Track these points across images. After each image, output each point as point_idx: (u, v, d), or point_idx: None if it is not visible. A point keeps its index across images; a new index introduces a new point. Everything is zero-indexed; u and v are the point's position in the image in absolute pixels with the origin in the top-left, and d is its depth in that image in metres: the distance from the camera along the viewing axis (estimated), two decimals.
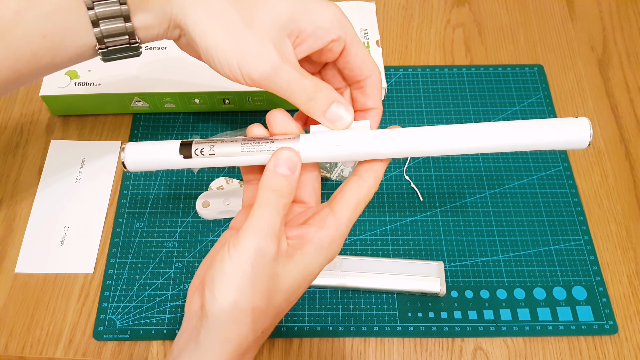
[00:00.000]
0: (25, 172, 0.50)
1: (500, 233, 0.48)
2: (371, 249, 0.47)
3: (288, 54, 0.31)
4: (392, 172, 0.51)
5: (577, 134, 0.30)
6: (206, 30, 0.30)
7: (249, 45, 0.30)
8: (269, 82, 0.31)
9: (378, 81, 0.34)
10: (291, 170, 0.29)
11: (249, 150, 0.31)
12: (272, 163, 0.30)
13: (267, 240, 0.28)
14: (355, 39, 0.33)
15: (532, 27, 0.61)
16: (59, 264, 0.46)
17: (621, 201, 0.50)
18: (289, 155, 0.30)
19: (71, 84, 0.50)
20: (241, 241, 0.28)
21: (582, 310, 0.44)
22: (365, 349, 0.43)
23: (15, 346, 0.43)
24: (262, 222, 0.28)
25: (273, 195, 0.29)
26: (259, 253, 0.28)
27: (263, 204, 0.29)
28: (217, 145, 0.32)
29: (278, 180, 0.29)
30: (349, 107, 0.31)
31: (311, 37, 0.32)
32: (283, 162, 0.29)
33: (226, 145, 0.31)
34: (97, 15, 0.31)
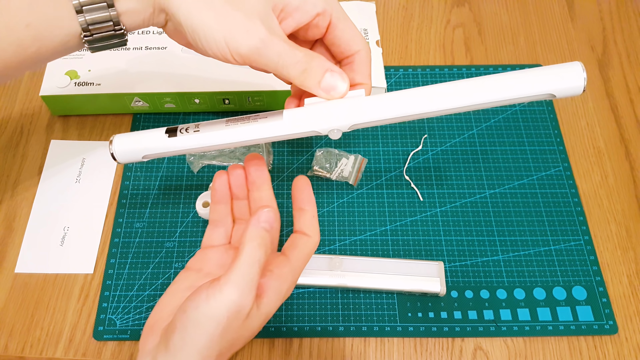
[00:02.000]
0: (25, 172, 0.50)
1: (500, 233, 0.48)
2: (371, 249, 0.47)
3: (275, 27, 0.31)
4: (392, 172, 0.51)
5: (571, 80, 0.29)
6: (191, 10, 0.30)
7: (235, 21, 0.30)
8: (259, 57, 0.30)
9: (367, 56, 0.34)
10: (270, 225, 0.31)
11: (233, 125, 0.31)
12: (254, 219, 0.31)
13: (247, 296, 0.29)
14: (341, 13, 0.33)
15: (532, 27, 0.61)
16: (59, 264, 0.46)
17: (621, 201, 0.50)
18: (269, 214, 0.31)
19: (71, 84, 0.50)
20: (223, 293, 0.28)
21: (582, 310, 0.44)
22: (365, 349, 0.43)
23: (15, 346, 0.43)
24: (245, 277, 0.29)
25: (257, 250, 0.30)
26: (237, 308, 0.28)
27: (248, 258, 0.29)
28: (201, 125, 0.32)
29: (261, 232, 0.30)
30: (343, 75, 0.31)
31: (296, 10, 0.32)
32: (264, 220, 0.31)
33: (210, 123, 0.32)
34: (80, 2, 0.31)
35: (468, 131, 0.53)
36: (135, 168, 0.50)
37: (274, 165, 0.51)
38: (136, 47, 0.52)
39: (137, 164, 0.51)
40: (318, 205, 0.49)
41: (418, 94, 0.31)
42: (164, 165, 0.51)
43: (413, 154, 0.52)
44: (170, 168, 0.51)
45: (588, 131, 0.54)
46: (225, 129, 0.32)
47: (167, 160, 0.51)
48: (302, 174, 0.50)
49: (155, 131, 0.33)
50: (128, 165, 0.51)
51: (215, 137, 0.32)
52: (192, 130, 0.32)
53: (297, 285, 0.45)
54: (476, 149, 0.52)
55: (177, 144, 0.33)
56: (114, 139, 0.34)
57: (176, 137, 0.32)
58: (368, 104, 0.31)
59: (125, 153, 0.34)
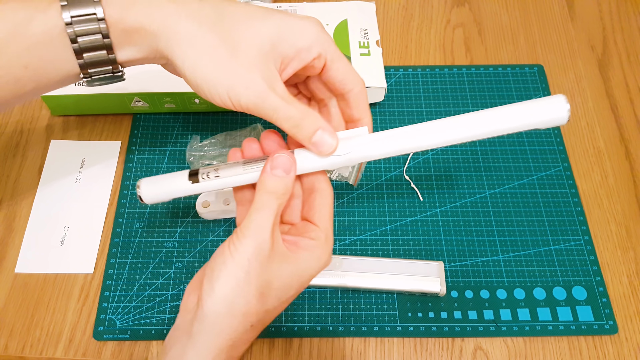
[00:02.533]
0: (25, 172, 0.50)
1: (500, 233, 0.48)
2: (371, 249, 0.47)
3: (274, 81, 0.32)
4: (392, 172, 0.51)
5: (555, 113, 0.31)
6: (194, 66, 0.31)
7: (236, 76, 0.31)
8: (257, 109, 0.32)
9: (361, 93, 0.35)
10: (286, 171, 0.32)
11: (250, 169, 0.34)
12: (268, 166, 0.32)
13: (263, 239, 0.30)
14: (335, 54, 0.34)
15: (532, 27, 0.61)
16: (59, 264, 0.46)
17: (621, 201, 0.50)
18: (285, 158, 0.32)
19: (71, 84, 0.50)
20: (240, 239, 0.30)
21: (582, 310, 0.44)
22: (365, 349, 0.43)
23: (15, 346, 0.43)
24: (259, 222, 0.31)
25: (269, 197, 0.31)
26: (256, 250, 0.30)
27: (260, 206, 0.31)
28: (221, 168, 0.35)
29: (274, 182, 0.32)
30: (333, 134, 0.33)
31: (294, 59, 0.33)
32: (278, 165, 0.32)
33: (228, 167, 0.34)
34: (80, 47, 0.31)
35: None
36: (135, 168, 0.50)
37: None
38: None
39: (137, 164, 0.51)
40: None
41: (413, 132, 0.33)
42: (164, 165, 0.51)
43: (413, 154, 0.52)
44: (171, 168, 0.51)
45: (588, 131, 0.54)
46: (243, 173, 0.34)
47: (167, 161, 0.51)
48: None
49: (178, 176, 0.36)
50: (128, 165, 0.51)
51: (233, 181, 0.34)
52: (212, 175, 0.35)
53: None
54: (476, 149, 0.52)
55: (200, 188, 0.35)
56: (141, 184, 0.36)
57: (199, 183, 0.35)
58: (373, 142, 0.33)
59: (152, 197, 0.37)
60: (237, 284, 0.30)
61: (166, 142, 0.52)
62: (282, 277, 0.31)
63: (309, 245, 0.32)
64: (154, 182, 0.37)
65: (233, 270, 0.30)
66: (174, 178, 0.36)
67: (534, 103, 0.32)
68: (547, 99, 0.32)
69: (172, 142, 0.52)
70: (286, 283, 0.32)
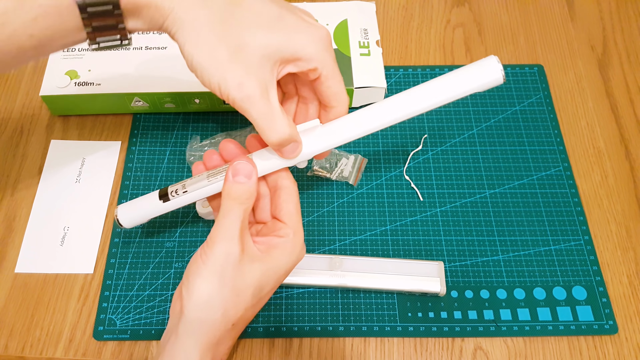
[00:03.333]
0: (25, 172, 0.50)
1: (500, 233, 0.48)
2: (371, 249, 0.47)
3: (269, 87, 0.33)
4: (392, 172, 0.51)
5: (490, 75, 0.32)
6: (194, 52, 0.32)
7: (232, 74, 0.32)
8: (242, 107, 0.33)
9: (343, 113, 0.37)
10: (247, 177, 0.33)
11: (214, 179, 0.36)
12: (230, 174, 0.33)
13: (231, 244, 0.32)
14: (332, 72, 0.35)
15: (532, 27, 0.61)
16: (59, 264, 0.46)
17: (621, 201, 0.50)
18: (244, 164, 0.34)
19: (71, 84, 0.50)
20: (210, 247, 0.32)
21: (582, 310, 0.44)
22: (365, 349, 0.43)
23: (15, 346, 0.43)
24: (226, 228, 0.32)
25: (233, 204, 0.33)
26: (226, 255, 0.32)
27: (225, 213, 0.33)
28: (187, 183, 0.37)
29: (236, 188, 0.33)
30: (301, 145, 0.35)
31: (290, 64, 0.34)
32: (239, 171, 0.33)
33: (194, 181, 0.37)
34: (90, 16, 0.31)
35: (468, 131, 0.53)
36: (135, 168, 0.50)
37: None
38: (136, 47, 0.52)
39: (137, 164, 0.51)
40: (318, 205, 0.49)
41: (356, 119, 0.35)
42: (164, 165, 0.51)
43: (413, 154, 0.52)
44: (171, 168, 0.51)
45: (588, 131, 0.54)
46: (208, 185, 0.36)
47: (167, 161, 0.51)
48: (302, 173, 0.50)
49: (150, 197, 0.38)
50: (128, 165, 0.51)
51: (201, 193, 0.36)
52: (181, 191, 0.37)
53: (297, 285, 0.45)
54: (476, 149, 0.52)
55: (171, 205, 0.38)
56: (118, 211, 0.39)
57: (169, 201, 0.37)
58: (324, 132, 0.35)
59: (129, 221, 0.39)
60: (212, 288, 0.32)
61: (166, 142, 0.52)
62: (255, 277, 0.33)
63: (279, 243, 0.34)
64: (130, 207, 0.39)
65: (207, 277, 0.32)
66: (146, 200, 0.39)
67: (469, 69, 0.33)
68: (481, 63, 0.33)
69: (172, 142, 0.52)
70: (261, 281, 0.33)
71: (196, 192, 0.36)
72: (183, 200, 0.37)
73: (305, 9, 0.56)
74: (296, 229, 0.35)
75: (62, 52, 0.52)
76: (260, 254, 0.34)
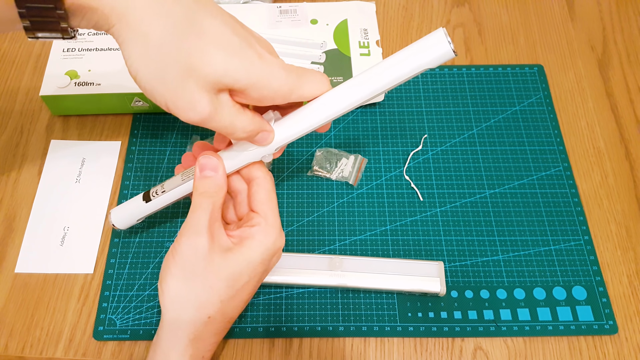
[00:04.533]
0: (25, 172, 0.50)
1: (500, 233, 0.48)
2: (371, 249, 0.47)
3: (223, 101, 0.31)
4: (392, 172, 0.51)
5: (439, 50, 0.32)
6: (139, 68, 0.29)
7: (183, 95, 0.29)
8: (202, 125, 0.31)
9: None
10: (213, 169, 0.34)
11: (187, 178, 0.37)
12: (197, 169, 0.34)
13: (198, 237, 0.32)
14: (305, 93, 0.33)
15: (532, 27, 0.61)
16: (59, 264, 0.46)
17: (621, 201, 0.50)
18: (208, 158, 0.34)
19: (71, 84, 0.50)
20: (178, 242, 0.33)
21: (582, 310, 0.44)
22: (365, 349, 0.43)
23: (15, 346, 0.43)
24: (194, 222, 0.33)
25: (202, 198, 0.33)
26: (193, 248, 0.32)
27: (194, 208, 0.33)
28: (165, 184, 0.38)
29: (204, 182, 0.34)
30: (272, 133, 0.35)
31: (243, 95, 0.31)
32: (205, 166, 0.34)
33: (171, 181, 0.38)
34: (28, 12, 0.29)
35: (468, 131, 0.53)
36: (135, 168, 0.50)
37: (273, 165, 0.51)
38: None
39: (137, 164, 0.51)
40: (318, 205, 0.49)
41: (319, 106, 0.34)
42: (164, 165, 0.51)
43: (413, 154, 0.52)
44: (170, 168, 0.51)
45: (588, 131, 0.54)
46: (182, 184, 0.37)
47: (167, 161, 0.51)
48: (302, 173, 0.50)
49: (136, 200, 0.40)
50: (128, 165, 0.51)
51: (177, 193, 0.38)
52: (160, 191, 0.38)
53: (297, 285, 0.45)
54: (476, 149, 0.52)
55: (153, 206, 0.39)
56: (111, 213, 0.42)
57: (151, 202, 0.39)
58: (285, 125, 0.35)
59: (121, 222, 0.41)
60: (182, 282, 0.32)
61: (166, 142, 0.52)
62: (228, 268, 0.33)
63: (251, 233, 0.34)
64: (121, 209, 0.41)
65: (176, 273, 0.32)
66: (133, 202, 0.40)
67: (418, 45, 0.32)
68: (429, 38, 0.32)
69: (172, 142, 0.52)
70: (235, 272, 0.33)
71: (173, 191, 0.38)
72: (163, 200, 0.38)
73: (306, 8, 0.56)
74: (268, 217, 0.35)
75: (62, 52, 0.52)
76: (233, 245, 0.34)
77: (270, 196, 0.36)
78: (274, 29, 0.54)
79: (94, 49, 0.52)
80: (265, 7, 0.56)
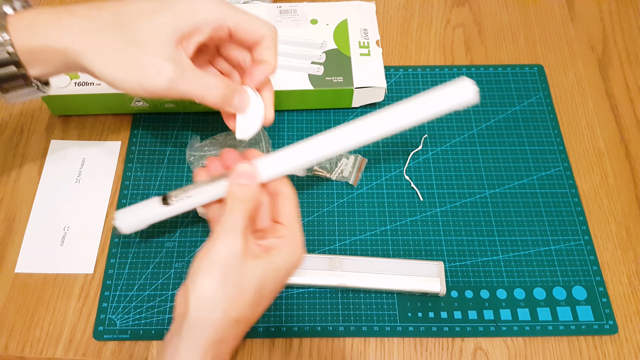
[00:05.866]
0: (25, 172, 0.50)
1: (500, 233, 0.48)
2: (371, 249, 0.47)
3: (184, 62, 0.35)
4: (392, 172, 0.51)
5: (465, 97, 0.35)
6: (102, 70, 0.34)
7: (144, 68, 0.34)
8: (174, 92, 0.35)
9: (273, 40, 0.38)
10: (249, 179, 0.35)
11: (216, 184, 0.37)
12: (234, 176, 0.35)
13: (234, 240, 0.33)
14: (236, 17, 0.36)
15: (532, 27, 0.61)
16: (59, 264, 0.46)
17: (621, 201, 0.50)
18: (246, 167, 0.35)
19: (71, 84, 0.50)
20: (214, 242, 0.33)
21: (582, 310, 0.44)
22: (365, 349, 0.43)
23: (15, 346, 0.43)
24: (231, 225, 0.33)
25: (237, 203, 0.34)
26: (230, 250, 0.32)
27: (229, 211, 0.34)
28: (189, 188, 0.37)
29: (240, 189, 0.35)
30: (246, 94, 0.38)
31: (194, 34, 0.35)
32: (242, 174, 0.35)
33: (197, 186, 0.37)
34: None
35: (468, 131, 0.53)
36: (135, 168, 0.50)
37: None
38: None
39: (137, 164, 0.51)
40: (318, 205, 0.49)
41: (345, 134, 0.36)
42: (164, 165, 0.51)
43: (413, 154, 0.52)
44: (171, 168, 0.51)
45: (588, 131, 0.54)
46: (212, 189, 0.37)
47: (167, 161, 0.51)
48: (301, 173, 0.50)
49: (151, 202, 0.39)
50: (128, 165, 0.51)
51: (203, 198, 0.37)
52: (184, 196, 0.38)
53: (297, 285, 0.45)
54: (476, 149, 0.52)
55: (174, 210, 0.38)
56: (118, 215, 0.39)
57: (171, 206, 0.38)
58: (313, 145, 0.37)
59: (128, 226, 0.39)
60: (216, 283, 0.32)
61: (166, 142, 0.52)
62: (257, 274, 0.33)
63: (278, 244, 0.35)
64: (129, 212, 0.39)
65: (210, 272, 0.32)
66: (146, 205, 0.39)
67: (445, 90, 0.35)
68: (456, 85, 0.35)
69: (172, 142, 0.52)
70: (262, 279, 0.34)
71: (199, 197, 0.37)
72: (185, 204, 0.38)
73: (305, 8, 0.56)
74: (294, 230, 0.36)
75: None
76: (262, 253, 0.34)
77: (297, 211, 0.37)
78: None
79: None
80: (265, 7, 0.56)
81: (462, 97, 0.35)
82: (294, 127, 0.53)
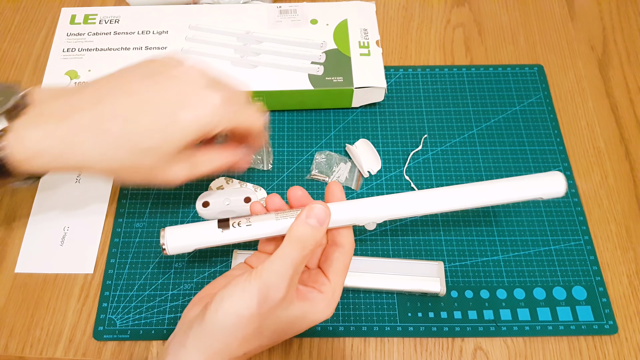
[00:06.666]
0: None
1: (500, 233, 0.48)
2: (371, 249, 0.47)
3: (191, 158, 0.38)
4: (392, 172, 0.51)
5: (554, 189, 0.36)
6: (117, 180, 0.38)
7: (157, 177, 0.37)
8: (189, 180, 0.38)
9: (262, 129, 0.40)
10: (320, 222, 0.32)
11: (283, 219, 0.35)
12: (304, 214, 0.32)
13: (277, 287, 0.31)
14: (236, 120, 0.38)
15: (532, 27, 0.61)
16: (59, 264, 0.46)
17: (621, 201, 0.50)
18: (321, 209, 0.32)
19: (71, 84, 0.50)
20: (257, 277, 0.31)
21: (582, 310, 0.44)
22: (365, 349, 0.43)
23: (15, 346, 0.43)
24: (280, 270, 0.31)
25: (296, 245, 0.31)
26: (266, 296, 0.31)
27: (285, 252, 0.31)
28: (252, 218, 0.36)
29: (305, 229, 0.32)
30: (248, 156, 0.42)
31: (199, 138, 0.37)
32: (314, 215, 0.32)
33: (260, 218, 0.35)
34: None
35: (468, 131, 0.53)
36: None
37: (273, 165, 0.51)
38: (136, 47, 0.52)
39: None
40: None
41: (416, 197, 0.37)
42: None
43: (413, 154, 0.52)
44: None
45: (588, 131, 0.54)
46: (276, 223, 0.35)
47: None
48: (301, 174, 0.50)
49: (206, 225, 0.36)
50: None
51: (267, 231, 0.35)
52: (244, 224, 0.35)
53: None
54: (476, 149, 0.52)
55: (230, 237, 0.36)
56: (166, 232, 0.36)
57: (229, 231, 0.35)
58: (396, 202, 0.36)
59: (177, 247, 0.36)
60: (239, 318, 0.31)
61: None
62: (282, 322, 0.32)
63: (316, 298, 0.33)
64: (180, 233, 0.36)
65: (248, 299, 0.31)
66: (202, 228, 0.36)
67: (535, 179, 0.36)
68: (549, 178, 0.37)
69: None
70: (284, 326, 0.33)
71: (262, 229, 0.35)
72: (244, 233, 0.35)
73: (305, 8, 0.56)
74: (337, 290, 0.34)
75: (62, 52, 0.52)
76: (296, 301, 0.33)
77: (346, 270, 0.35)
78: (274, 29, 0.54)
79: (94, 49, 0.52)
80: (265, 7, 0.56)
81: (551, 190, 0.36)
82: (294, 127, 0.53)
